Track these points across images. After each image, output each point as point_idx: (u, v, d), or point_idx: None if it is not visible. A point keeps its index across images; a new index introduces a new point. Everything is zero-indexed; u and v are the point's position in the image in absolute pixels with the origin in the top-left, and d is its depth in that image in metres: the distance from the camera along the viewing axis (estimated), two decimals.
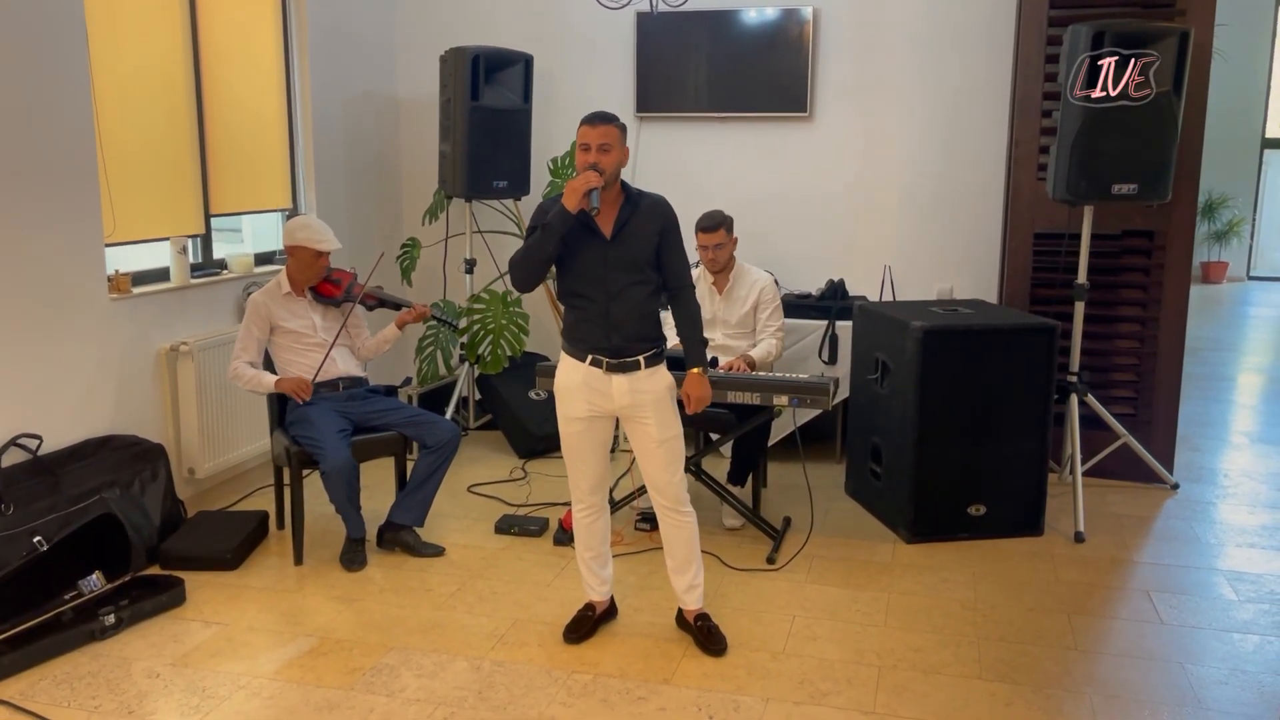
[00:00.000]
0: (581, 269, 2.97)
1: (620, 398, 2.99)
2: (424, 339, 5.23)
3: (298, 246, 3.87)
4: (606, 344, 2.96)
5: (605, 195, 2.96)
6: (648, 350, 2.99)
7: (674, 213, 3.04)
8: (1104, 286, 4.61)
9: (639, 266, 2.95)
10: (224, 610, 3.41)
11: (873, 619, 3.36)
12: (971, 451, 3.98)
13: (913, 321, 3.92)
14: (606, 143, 2.92)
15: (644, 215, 2.97)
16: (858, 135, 5.21)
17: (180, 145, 4.31)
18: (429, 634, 3.25)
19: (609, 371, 2.98)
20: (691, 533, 3.12)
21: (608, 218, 2.97)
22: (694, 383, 3.05)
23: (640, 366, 2.98)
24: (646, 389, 2.99)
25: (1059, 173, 4.06)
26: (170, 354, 4.15)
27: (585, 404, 3.01)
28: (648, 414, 2.99)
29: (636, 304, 2.95)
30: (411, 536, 3.88)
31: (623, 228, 2.95)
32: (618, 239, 2.95)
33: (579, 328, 3.01)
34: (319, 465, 3.68)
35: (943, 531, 4.02)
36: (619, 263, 2.94)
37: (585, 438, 3.06)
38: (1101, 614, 3.41)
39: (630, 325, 2.95)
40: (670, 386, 3.04)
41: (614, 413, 3.04)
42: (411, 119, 5.78)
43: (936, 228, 5.18)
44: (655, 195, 3.04)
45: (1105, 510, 4.34)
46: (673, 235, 3.02)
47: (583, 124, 2.95)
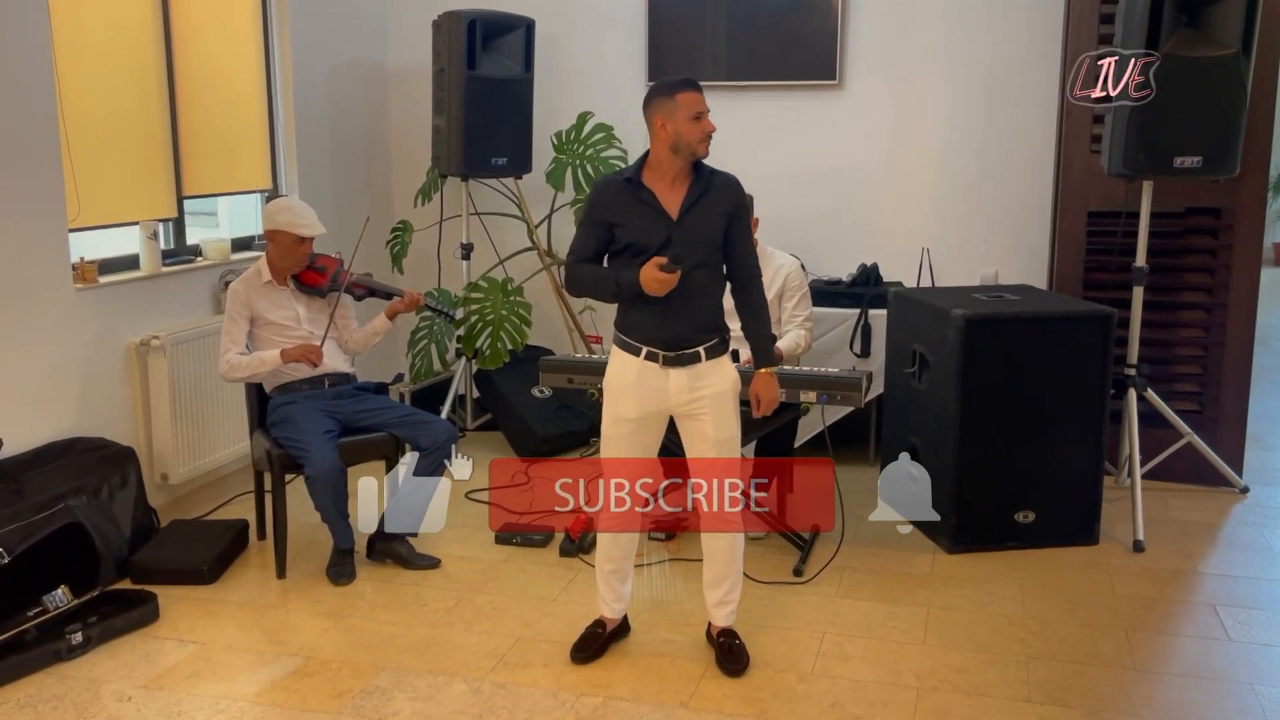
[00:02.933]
0: (642, 251, 2.95)
1: (678, 395, 2.98)
2: (417, 331, 5.25)
3: (278, 231, 3.89)
4: (662, 334, 2.96)
5: (681, 169, 2.97)
6: (708, 341, 2.98)
7: (745, 194, 3.05)
8: (1165, 270, 4.59)
9: (704, 252, 2.95)
10: (200, 628, 3.43)
11: (910, 636, 3.35)
12: (1019, 452, 3.97)
13: (954, 309, 3.91)
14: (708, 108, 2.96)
15: (715, 195, 2.97)
16: (893, 105, 5.19)
17: (150, 120, 4.33)
18: (424, 653, 3.26)
19: (666, 366, 2.97)
20: (731, 548, 3.12)
21: (674, 194, 2.96)
22: (763, 383, 3.05)
23: (700, 359, 2.97)
24: (707, 384, 2.98)
25: (1115, 145, 4.04)
26: (141, 349, 4.18)
27: (637, 404, 3.00)
28: (704, 410, 2.98)
29: (698, 292, 2.95)
30: (404, 547, 3.89)
31: (691, 207, 2.95)
32: (684, 220, 2.95)
33: (633, 315, 3.01)
34: (303, 469, 3.70)
35: (988, 540, 4.01)
36: (683, 245, 2.92)
37: (633, 440, 3.05)
38: (1163, 630, 3.39)
39: (691, 313, 2.95)
40: (735, 383, 3.03)
41: (669, 411, 3.03)
42: (402, 90, 5.79)
43: (980, 206, 5.16)
44: (727, 174, 3.04)
45: (1167, 516, 4.33)
46: (742, 219, 3.02)
47: (687, 89, 2.94)
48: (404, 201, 5.76)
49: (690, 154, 2.94)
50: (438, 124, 5.09)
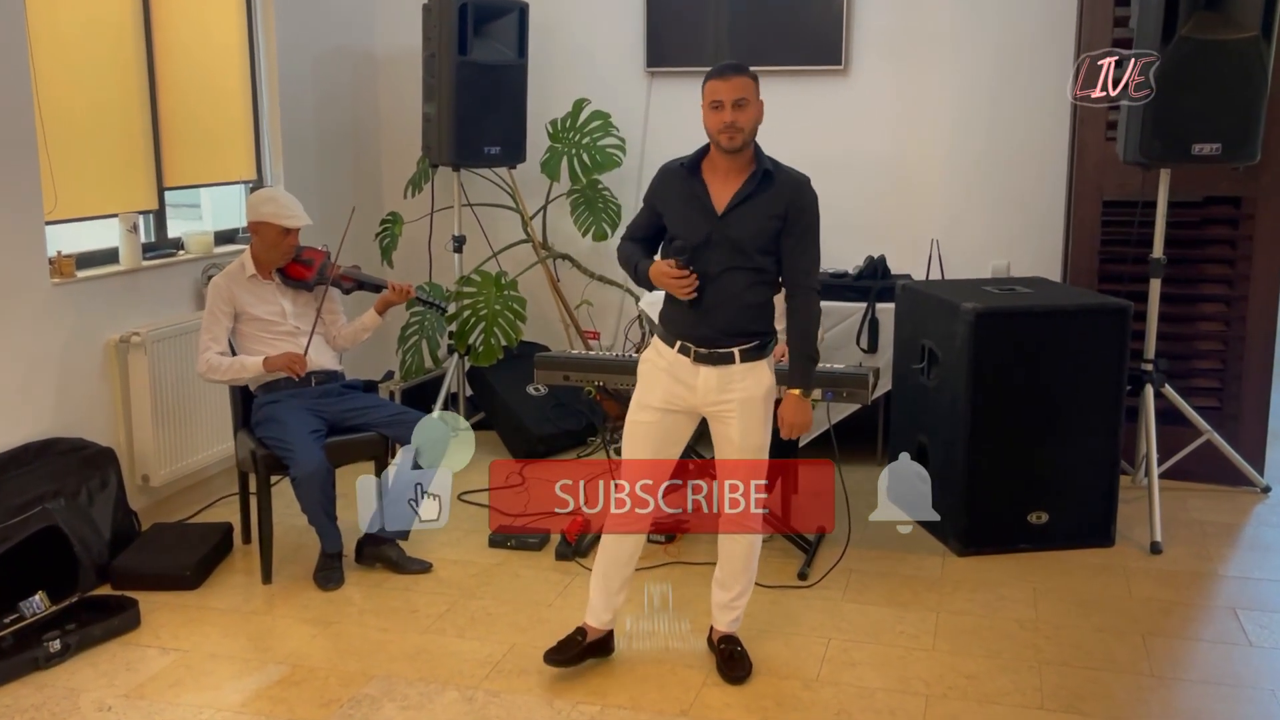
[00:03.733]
0: (686, 242, 2.92)
1: (706, 394, 2.94)
2: (407, 327, 5.24)
3: (262, 223, 3.88)
4: (694, 331, 2.93)
5: (734, 162, 2.90)
6: (745, 344, 2.93)
7: (812, 196, 2.95)
8: (1184, 261, 4.58)
9: (746, 251, 2.89)
10: (183, 635, 3.43)
11: (919, 642, 3.35)
12: (1032, 451, 3.97)
13: (964, 303, 3.91)
14: (743, 96, 2.85)
15: (770, 195, 2.89)
16: (900, 91, 5.18)
17: (130, 109, 4.32)
18: (415, 661, 3.25)
19: (697, 362, 2.94)
20: (747, 550, 3.10)
21: (727, 190, 2.91)
22: (791, 406, 2.96)
23: (734, 360, 2.92)
24: (739, 386, 2.93)
25: (1131, 131, 4.03)
26: (120, 346, 4.17)
27: (664, 394, 2.97)
28: (732, 414, 2.94)
29: (734, 293, 2.90)
30: (395, 551, 3.89)
31: (739, 204, 2.90)
32: (728, 217, 2.90)
33: (670, 308, 3.00)
34: (289, 471, 3.70)
35: (999, 542, 4.01)
36: (724, 243, 2.89)
37: (654, 434, 3.00)
38: (1181, 635, 3.39)
39: (722, 315, 2.91)
40: (770, 389, 2.97)
41: (697, 409, 3.00)
42: (391, 77, 5.78)
43: (990, 196, 5.16)
44: (795, 173, 2.96)
45: (1185, 517, 4.32)
46: (802, 223, 2.92)
47: (711, 78, 2.88)
48: (394, 192, 5.75)
49: (716, 145, 2.90)
50: (428, 112, 5.08)
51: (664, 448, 3.03)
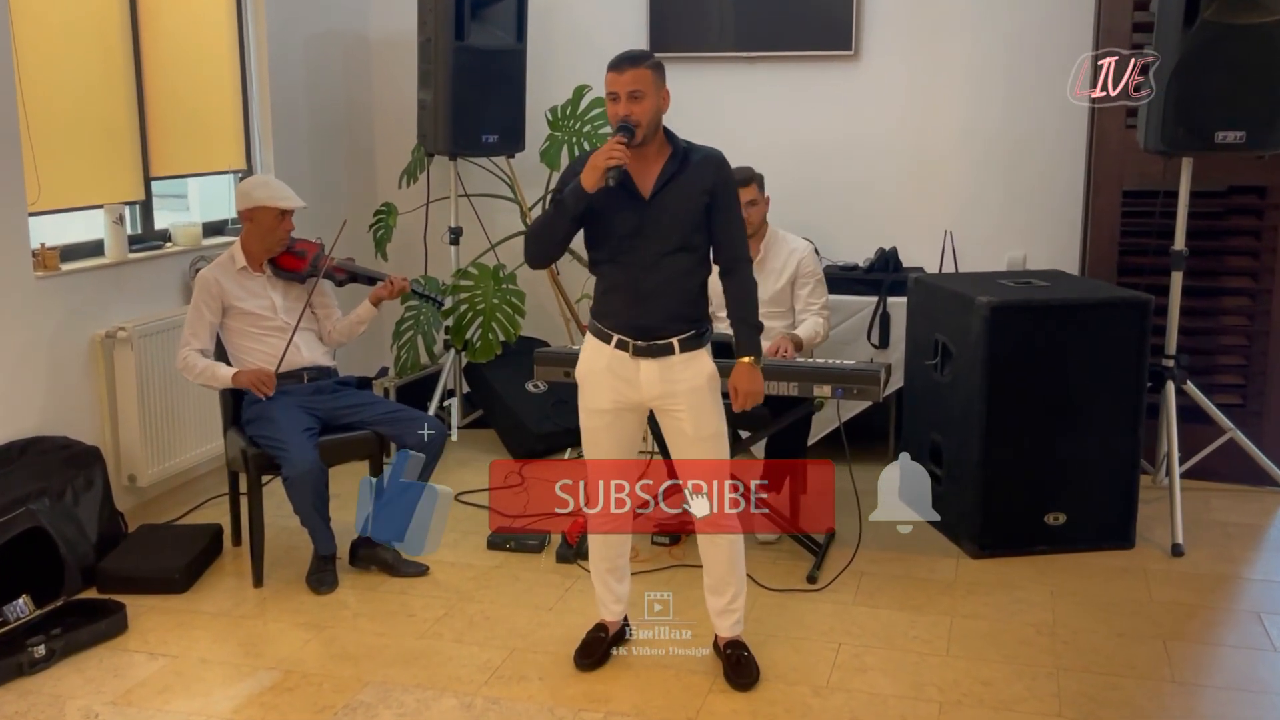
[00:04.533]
0: (612, 234, 2.97)
1: (650, 388, 3.00)
2: (402, 322, 5.24)
3: (257, 208, 3.88)
4: (634, 322, 2.97)
5: (646, 150, 2.95)
6: (683, 332, 2.98)
7: (730, 170, 3.04)
8: (1206, 253, 4.58)
9: (681, 234, 2.95)
10: (172, 640, 3.43)
11: (933, 647, 3.35)
12: (1049, 449, 3.97)
13: (979, 296, 3.91)
14: (638, 89, 2.90)
15: (693, 173, 2.96)
16: (912, 76, 5.17)
17: (115, 97, 4.32)
18: (411, 666, 3.26)
19: (636, 356, 2.98)
20: (730, 552, 3.12)
21: (649, 174, 2.96)
22: (743, 375, 3.03)
23: (674, 351, 2.98)
24: (681, 378, 2.99)
25: (1152, 118, 4.03)
26: (106, 341, 4.17)
27: (610, 395, 3.03)
28: (681, 407, 3.00)
29: (674, 278, 2.96)
30: (390, 553, 3.89)
31: (664, 187, 2.95)
32: (657, 200, 2.95)
33: (606, 301, 3.03)
34: (281, 470, 3.70)
35: (1015, 544, 4.01)
36: (656, 229, 2.94)
37: (610, 434, 3.07)
38: (1204, 640, 3.39)
39: (664, 302, 2.96)
40: (712, 376, 3.03)
41: (644, 404, 3.05)
42: (385, 63, 5.77)
43: (1006, 186, 5.15)
44: (709, 149, 3.03)
45: (1208, 518, 4.32)
46: (727, 197, 3.00)
47: (608, 70, 2.93)
48: (388, 183, 5.75)
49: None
50: (424, 99, 5.08)
51: (624, 447, 3.11)
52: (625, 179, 2.92)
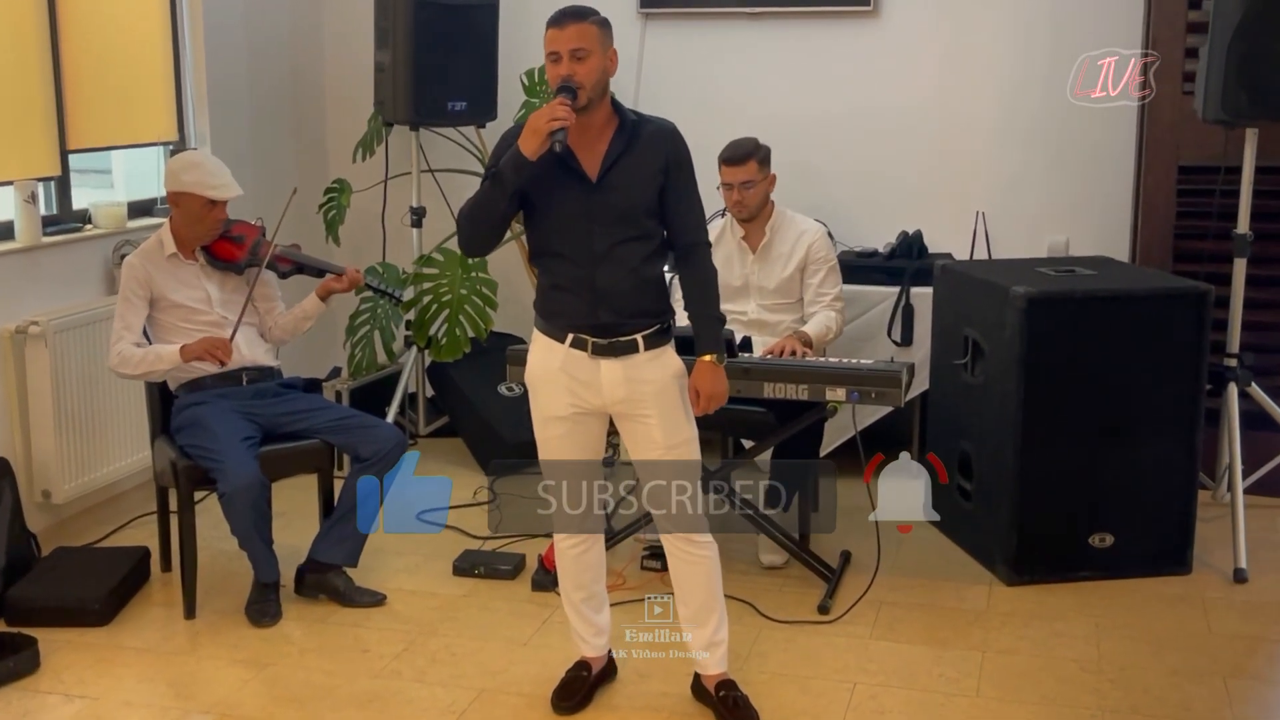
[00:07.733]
0: (557, 221, 2.97)
1: (612, 390, 3.00)
2: (357, 315, 5.24)
3: (184, 193, 3.88)
4: (591, 320, 2.97)
5: (591, 120, 2.94)
6: (648, 327, 2.99)
7: (684, 144, 3.04)
8: (1273, 237, 4.59)
9: (634, 218, 2.95)
10: (91, 679, 3.42)
11: (961, 686, 3.36)
12: (1094, 462, 3.98)
13: (1014, 287, 3.91)
14: (581, 47, 2.90)
15: (643, 149, 2.97)
16: (941, 36, 5.18)
17: (26, 60, 4.30)
18: (366, 709, 3.26)
19: (596, 355, 2.99)
20: (709, 571, 3.12)
21: (594, 152, 2.96)
22: (704, 375, 3.03)
23: (638, 349, 2.98)
24: (647, 378, 2.99)
25: (1212, 84, 4.03)
26: (16, 337, 4.16)
27: (567, 399, 3.02)
28: (649, 410, 3.00)
29: (631, 268, 2.95)
30: (341, 580, 3.89)
31: (613, 166, 2.95)
32: (606, 181, 2.95)
33: (555, 299, 3.02)
34: (217, 485, 3.69)
35: (1055, 569, 4.02)
36: (607, 213, 2.94)
37: (569, 443, 3.07)
38: (1268, 678, 3.41)
39: (622, 296, 2.96)
40: (680, 374, 3.05)
41: (605, 409, 3.05)
42: (338, 19, 5.77)
43: (1045, 161, 5.16)
44: (660, 121, 3.04)
45: (1275, 540, 4.34)
46: (682, 174, 3.01)
47: (548, 26, 2.93)
48: (341, 156, 5.75)
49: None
50: (381, 61, 5.08)
51: (583, 457, 3.11)
52: (568, 155, 2.91)
